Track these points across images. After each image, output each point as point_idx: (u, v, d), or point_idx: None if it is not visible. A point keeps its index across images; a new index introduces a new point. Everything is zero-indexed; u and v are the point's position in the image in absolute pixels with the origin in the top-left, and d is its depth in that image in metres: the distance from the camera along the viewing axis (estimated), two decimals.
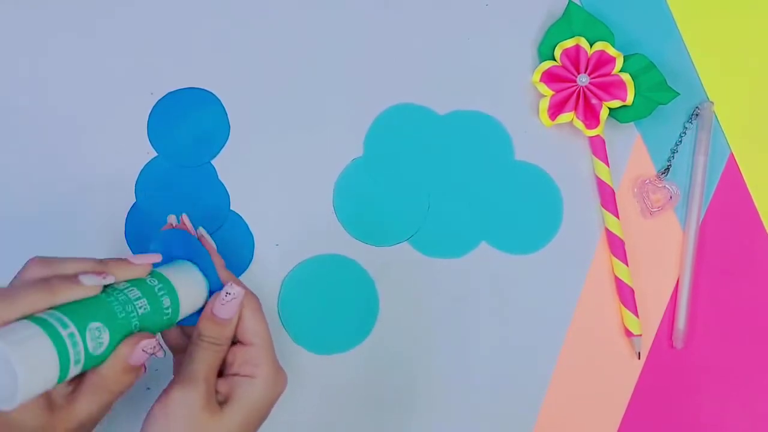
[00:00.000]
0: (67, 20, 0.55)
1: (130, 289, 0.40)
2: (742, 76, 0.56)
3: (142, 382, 0.51)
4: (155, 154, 0.54)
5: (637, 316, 0.52)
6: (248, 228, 0.53)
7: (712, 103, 0.55)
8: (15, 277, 0.39)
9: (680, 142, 0.55)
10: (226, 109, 0.54)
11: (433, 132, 0.55)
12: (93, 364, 0.37)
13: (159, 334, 0.42)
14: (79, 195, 0.53)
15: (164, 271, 0.42)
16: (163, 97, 0.54)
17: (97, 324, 0.37)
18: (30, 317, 0.35)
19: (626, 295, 0.53)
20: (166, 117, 0.54)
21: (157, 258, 0.42)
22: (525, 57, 0.55)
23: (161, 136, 0.54)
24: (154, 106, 0.54)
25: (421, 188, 0.54)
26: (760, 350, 0.53)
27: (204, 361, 0.42)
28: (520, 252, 0.54)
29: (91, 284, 0.37)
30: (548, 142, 0.55)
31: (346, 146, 0.54)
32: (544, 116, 0.54)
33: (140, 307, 0.39)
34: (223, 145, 0.54)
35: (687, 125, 0.55)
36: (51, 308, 0.36)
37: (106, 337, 0.37)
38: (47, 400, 0.39)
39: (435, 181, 0.54)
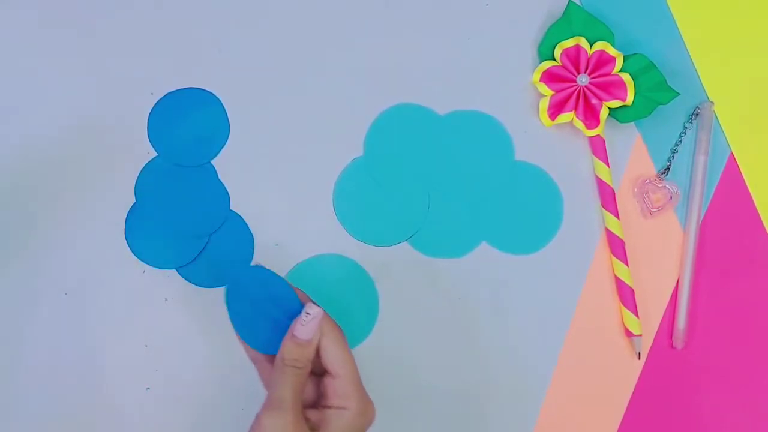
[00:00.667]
0: (67, 20, 0.55)
1: None
2: (742, 76, 0.56)
3: (142, 382, 0.51)
4: (155, 154, 0.54)
5: (637, 316, 0.52)
6: (248, 228, 0.53)
7: (712, 103, 0.55)
8: None
9: (680, 142, 0.55)
10: (226, 110, 0.54)
11: (433, 132, 0.55)
12: None
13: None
14: (78, 195, 0.53)
15: None
16: (163, 97, 0.54)
17: None
18: None
19: (626, 295, 0.53)
20: (166, 117, 0.54)
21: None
22: (525, 57, 0.55)
23: (161, 136, 0.54)
24: (154, 106, 0.54)
25: (421, 188, 0.54)
26: (761, 350, 0.53)
27: (289, 385, 0.43)
28: (520, 252, 0.54)
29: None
30: (548, 142, 0.55)
31: (346, 146, 0.54)
32: (544, 116, 0.54)
33: None
34: (223, 146, 0.54)
35: (687, 125, 0.55)
36: None
37: None
38: None
39: (435, 181, 0.54)
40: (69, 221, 0.53)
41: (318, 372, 0.45)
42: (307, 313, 0.44)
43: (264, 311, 0.46)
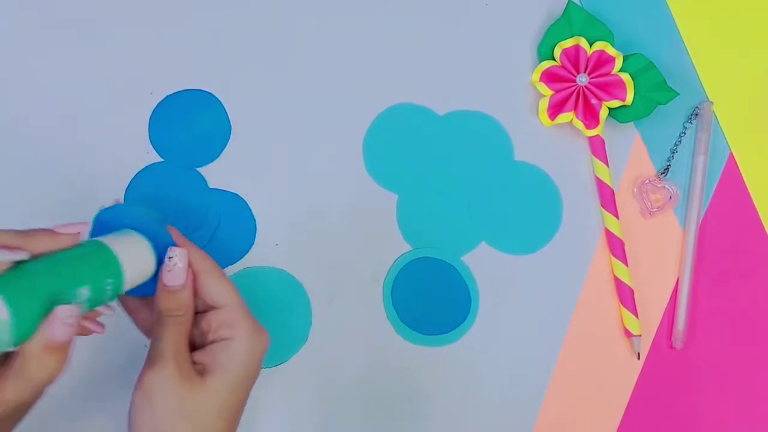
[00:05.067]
0: (67, 20, 0.55)
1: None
2: (742, 76, 0.56)
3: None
4: (155, 154, 0.54)
5: (637, 316, 0.52)
6: (254, 223, 0.53)
7: (712, 103, 0.55)
8: None
9: (680, 142, 0.55)
10: (227, 111, 0.54)
11: (433, 132, 0.55)
12: (17, 340, 0.34)
13: (104, 307, 0.40)
14: (78, 195, 0.53)
15: (102, 239, 0.39)
16: (164, 99, 0.54)
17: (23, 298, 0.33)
18: None
19: (626, 295, 0.53)
20: (167, 119, 0.54)
21: (84, 227, 0.39)
22: (525, 57, 0.55)
23: (163, 139, 0.54)
24: (155, 109, 0.54)
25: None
26: (760, 350, 0.53)
27: (168, 336, 0.40)
28: (520, 252, 0.54)
29: (1, 260, 0.34)
30: (548, 142, 0.55)
31: (346, 146, 0.54)
32: (544, 116, 0.54)
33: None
34: (224, 147, 0.54)
35: (687, 125, 0.55)
36: None
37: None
38: None
39: (434, 181, 0.54)
40: (68, 220, 0.53)
41: (201, 309, 0.42)
42: (170, 257, 0.40)
43: None
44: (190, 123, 0.54)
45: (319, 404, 0.52)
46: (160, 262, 0.41)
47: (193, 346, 0.42)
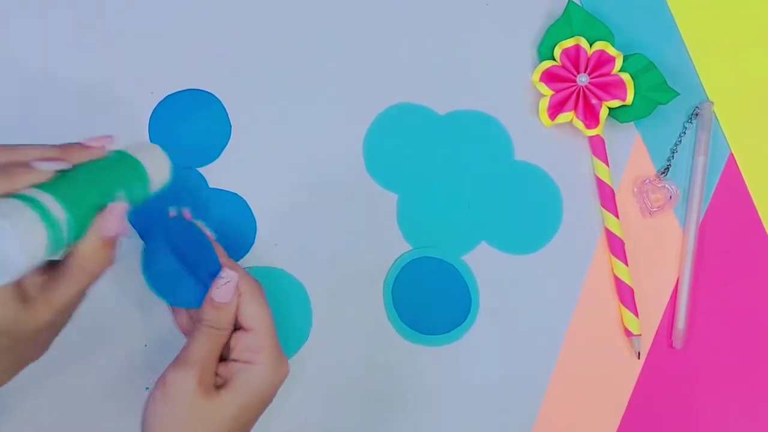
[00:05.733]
0: (67, 20, 0.55)
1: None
2: (742, 76, 0.56)
3: (142, 383, 0.51)
4: None
5: (637, 315, 0.52)
6: (254, 223, 0.53)
7: (712, 103, 0.55)
8: None
9: (680, 142, 0.55)
10: (227, 111, 0.54)
11: (433, 132, 0.55)
12: (72, 240, 0.37)
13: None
14: None
15: (126, 149, 0.42)
16: (164, 99, 0.54)
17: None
18: (8, 195, 0.35)
19: (626, 295, 0.53)
20: (167, 119, 0.54)
21: (112, 141, 0.41)
22: (525, 57, 0.55)
23: (163, 139, 0.54)
24: (155, 109, 0.54)
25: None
26: (760, 350, 0.53)
27: (201, 344, 0.43)
28: (520, 252, 0.54)
29: (45, 169, 0.37)
30: (548, 142, 0.55)
31: (346, 146, 0.54)
32: (544, 116, 0.54)
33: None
34: (225, 146, 0.54)
35: (687, 125, 0.55)
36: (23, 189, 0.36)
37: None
38: (19, 291, 0.37)
39: (435, 181, 0.54)
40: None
41: (234, 326, 0.45)
42: (222, 277, 0.43)
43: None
44: (190, 123, 0.54)
45: (319, 404, 0.52)
46: (211, 276, 0.44)
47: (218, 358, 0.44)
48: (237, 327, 0.44)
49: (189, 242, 0.46)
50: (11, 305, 0.36)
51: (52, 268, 0.38)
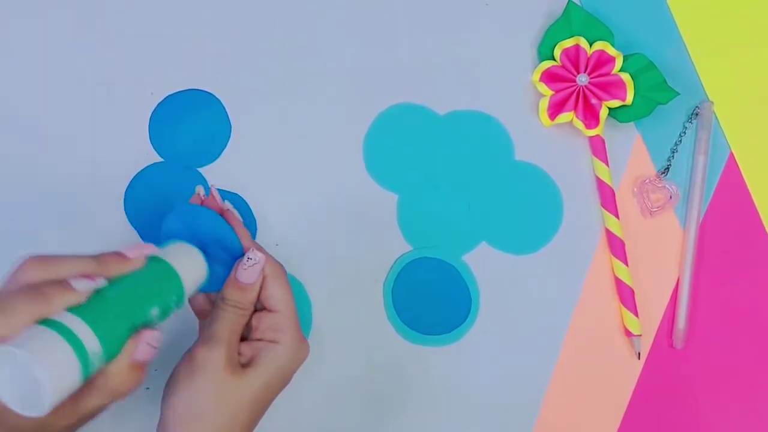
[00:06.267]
0: (67, 20, 0.55)
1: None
2: (742, 76, 0.56)
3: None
4: (155, 154, 0.54)
5: (637, 316, 0.52)
6: (254, 223, 0.53)
7: (712, 102, 0.55)
8: (9, 277, 0.38)
9: (680, 141, 0.55)
10: (228, 111, 0.54)
11: (433, 132, 0.55)
12: (104, 362, 0.37)
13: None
14: (79, 195, 0.53)
15: (163, 256, 0.42)
16: (164, 99, 0.54)
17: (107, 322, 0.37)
18: (42, 321, 0.35)
19: (626, 295, 0.53)
20: (168, 119, 0.54)
21: (152, 249, 0.42)
22: (525, 57, 0.55)
23: (163, 139, 0.54)
24: (155, 109, 0.54)
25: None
26: (760, 350, 0.53)
27: (227, 322, 0.43)
28: (520, 252, 0.54)
29: (83, 289, 0.37)
30: (548, 142, 0.55)
31: (347, 146, 0.54)
32: (544, 116, 0.54)
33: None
34: (225, 147, 0.54)
35: (687, 125, 0.55)
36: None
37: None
38: None
39: (435, 181, 0.54)
40: (68, 220, 0.53)
41: (257, 308, 0.46)
42: (249, 258, 0.44)
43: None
44: (190, 123, 0.54)
45: (319, 404, 0.52)
46: (234, 258, 0.45)
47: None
48: (259, 308, 0.45)
49: (207, 224, 0.46)
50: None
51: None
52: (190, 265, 0.43)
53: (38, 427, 0.38)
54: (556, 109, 0.54)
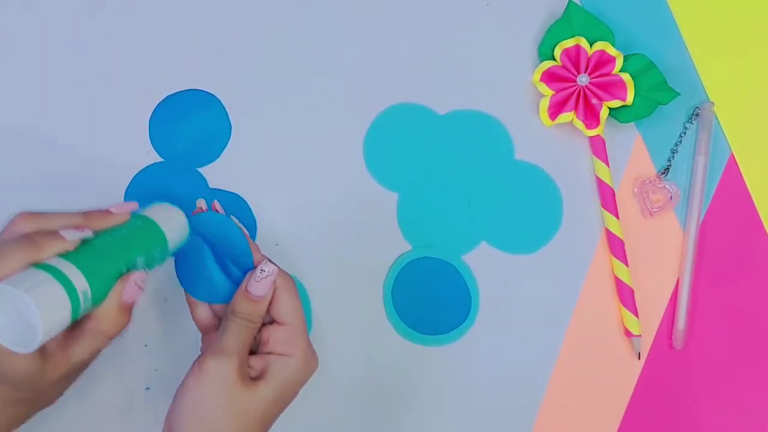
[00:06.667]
0: (67, 19, 0.55)
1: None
2: (742, 76, 0.56)
3: (142, 382, 0.51)
4: (155, 154, 0.54)
5: (637, 316, 0.52)
6: (254, 223, 0.53)
7: (712, 103, 0.55)
8: (3, 230, 0.41)
9: (680, 142, 0.55)
10: (227, 111, 0.54)
11: (433, 131, 0.55)
12: (91, 305, 0.39)
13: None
14: (79, 195, 0.53)
15: (146, 213, 0.45)
16: (164, 99, 0.54)
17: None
18: (35, 265, 0.37)
19: (626, 295, 0.53)
20: (168, 119, 0.54)
21: (135, 205, 0.44)
22: (525, 57, 0.55)
23: (163, 139, 0.54)
24: (155, 109, 0.54)
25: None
26: (760, 351, 0.53)
27: (237, 335, 0.43)
28: (520, 252, 0.54)
29: (72, 239, 0.40)
30: (548, 142, 0.55)
31: (347, 146, 0.54)
32: (544, 116, 0.54)
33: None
34: (225, 147, 0.54)
35: (687, 125, 0.55)
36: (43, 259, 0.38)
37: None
38: (39, 348, 0.39)
39: (435, 181, 0.54)
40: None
41: (265, 321, 0.45)
42: (263, 270, 0.44)
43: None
44: (190, 123, 0.54)
45: (319, 404, 0.52)
46: (244, 271, 0.45)
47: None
48: (269, 320, 0.45)
49: (218, 237, 0.46)
50: (31, 361, 0.39)
51: (71, 326, 0.40)
52: (172, 221, 0.45)
53: (33, 377, 0.39)
54: (556, 109, 0.54)
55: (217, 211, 0.48)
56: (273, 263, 0.45)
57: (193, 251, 0.46)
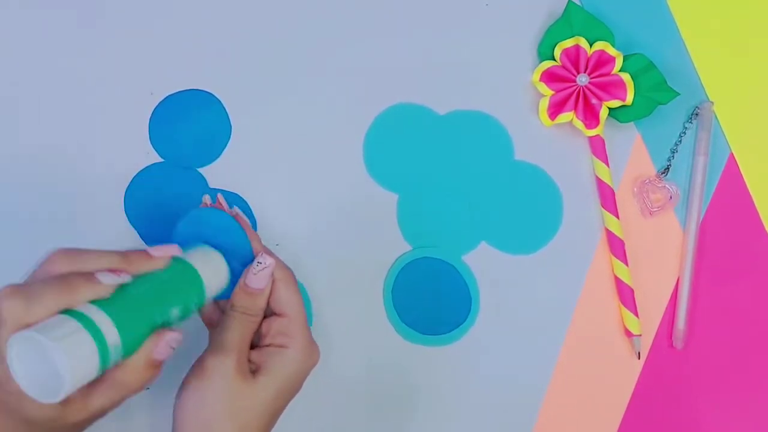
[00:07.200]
0: (67, 19, 0.55)
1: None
2: (742, 76, 0.56)
3: None
4: (155, 154, 0.54)
5: (637, 316, 0.52)
6: (254, 223, 0.53)
7: (712, 103, 0.55)
8: (37, 268, 0.39)
9: (680, 142, 0.55)
10: (227, 111, 0.54)
11: (433, 132, 0.55)
12: (121, 358, 0.38)
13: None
14: (79, 195, 0.53)
15: (187, 258, 0.43)
16: (164, 99, 0.54)
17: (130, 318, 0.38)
18: (65, 311, 0.36)
19: (626, 295, 0.53)
20: (168, 119, 0.54)
21: (177, 250, 0.42)
22: (525, 57, 0.55)
23: (163, 139, 0.54)
24: (155, 109, 0.54)
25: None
26: (760, 350, 0.53)
27: (236, 330, 0.43)
28: (520, 252, 0.54)
29: (108, 283, 0.38)
30: (548, 142, 0.55)
31: (347, 146, 0.54)
32: (544, 116, 0.54)
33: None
34: (225, 147, 0.54)
35: (687, 125, 0.55)
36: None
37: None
38: None
39: (435, 181, 0.54)
40: (69, 220, 0.53)
41: (265, 313, 0.45)
42: (259, 263, 0.44)
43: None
44: (190, 123, 0.54)
45: (319, 404, 0.52)
46: (243, 264, 0.45)
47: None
48: (268, 313, 0.45)
49: (218, 231, 0.46)
50: (51, 406, 0.37)
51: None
52: (212, 268, 0.44)
53: (50, 420, 0.38)
54: (556, 109, 0.54)
55: (222, 205, 0.48)
56: (272, 255, 0.45)
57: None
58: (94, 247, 0.40)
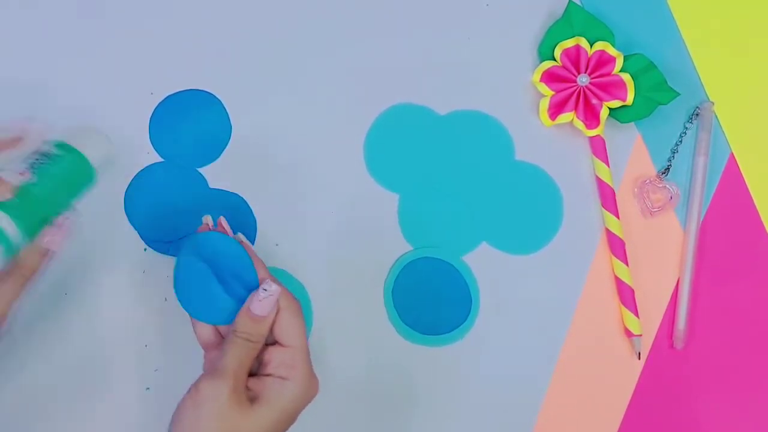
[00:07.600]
0: (68, 19, 0.55)
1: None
2: (742, 76, 0.56)
3: (142, 383, 0.51)
4: (155, 154, 0.54)
5: (637, 316, 0.52)
6: (254, 223, 0.53)
7: (713, 103, 0.55)
8: None
9: (680, 142, 0.55)
10: (227, 111, 0.54)
11: (433, 132, 0.55)
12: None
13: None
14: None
15: (73, 145, 0.46)
16: (164, 99, 0.54)
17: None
18: None
19: (626, 295, 0.53)
20: (168, 119, 0.54)
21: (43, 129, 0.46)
22: (525, 57, 0.55)
23: (163, 139, 0.54)
24: (155, 108, 0.54)
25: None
26: (760, 350, 0.53)
27: (236, 356, 0.42)
28: (520, 252, 0.54)
29: (11, 182, 0.42)
30: (548, 142, 0.55)
31: (347, 146, 0.54)
32: (544, 116, 0.54)
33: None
34: (225, 147, 0.54)
35: (687, 125, 0.55)
36: None
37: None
38: None
39: (435, 181, 0.54)
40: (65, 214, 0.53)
41: (267, 341, 0.44)
42: (265, 290, 0.43)
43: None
44: (190, 123, 0.54)
45: (319, 404, 0.52)
46: (247, 290, 0.44)
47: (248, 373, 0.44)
48: (270, 341, 0.44)
49: (222, 256, 0.45)
50: None
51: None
52: (99, 150, 0.46)
53: None
54: (556, 109, 0.54)
55: (224, 227, 0.47)
56: (277, 283, 0.44)
57: (194, 274, 0.44)
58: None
